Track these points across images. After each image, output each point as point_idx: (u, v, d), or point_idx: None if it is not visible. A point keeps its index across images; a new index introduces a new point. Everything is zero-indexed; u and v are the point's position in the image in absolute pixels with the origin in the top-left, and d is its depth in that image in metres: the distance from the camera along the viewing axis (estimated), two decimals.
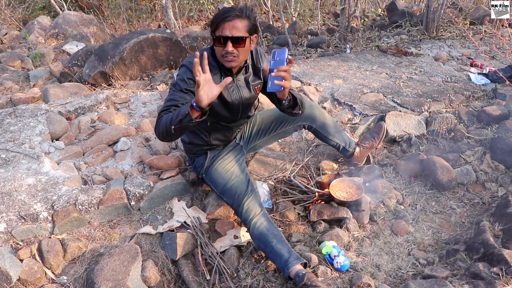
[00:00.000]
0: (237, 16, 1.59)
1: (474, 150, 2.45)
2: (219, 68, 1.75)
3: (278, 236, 1.74)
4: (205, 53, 1.44)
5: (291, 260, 1.65)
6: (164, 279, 1.82)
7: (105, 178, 2.21)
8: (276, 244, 1.70)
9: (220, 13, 1.61)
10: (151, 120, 2.83)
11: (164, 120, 1.58)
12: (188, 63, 1.70)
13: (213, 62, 1.72)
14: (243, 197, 1.82)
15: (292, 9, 6.98)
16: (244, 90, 1.84)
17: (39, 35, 5.96)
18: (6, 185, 2.05)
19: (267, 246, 1.72)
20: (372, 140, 2.37)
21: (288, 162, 2.41)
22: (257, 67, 1.87)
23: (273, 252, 1.70)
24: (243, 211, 1.80)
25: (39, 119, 2.71)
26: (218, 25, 1.59)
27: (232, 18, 1.58)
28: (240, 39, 1.61)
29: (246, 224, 1.79)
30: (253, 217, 1.77)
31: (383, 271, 1.76)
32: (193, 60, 1.43)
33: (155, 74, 3.94)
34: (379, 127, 2.42)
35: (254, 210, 1.79)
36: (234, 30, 1.58)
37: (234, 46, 1.62)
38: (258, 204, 1.82)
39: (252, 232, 1.77)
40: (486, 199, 2.14)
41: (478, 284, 1.54)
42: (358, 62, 4.01)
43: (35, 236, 1.86)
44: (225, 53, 1.63)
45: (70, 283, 1.72)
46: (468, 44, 4.60)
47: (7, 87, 3.98)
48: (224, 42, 1.61)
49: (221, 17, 1.59)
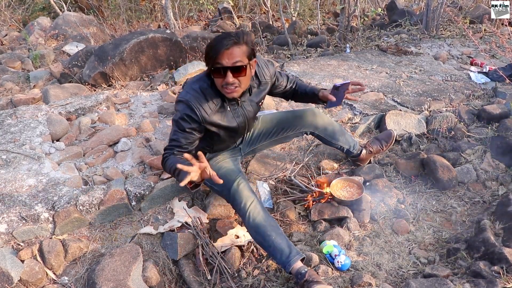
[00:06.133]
0: (235, 43, 1.50)
1: (475, 149, 2.45)
2: (220, 96, 1.67)
3: (276, 228, 1.68)
4: (200, 154, 1.43)
5: (292, 256, 1.61)
6: (165, 279, 1.82)
7: (105, 179, 2.22)
8: (276, 238, 1.64)
9: (216, 41, 1.52)
10: (151, 120, 2.83)
11: (168, 165, 1.63)
12: (185, 100, 1.62)
13: (212, 92, 1.65)
14: (233, 181, 1.76)
15: (292, 8, 6.98)
16: (249, 108, 1.81)
17: (39, 36, 5.97)
18: (7, 186, 2.06)
19: (266, 239, 1.65)
20: (380, 146, 2.36)
21: (289, 161, 2.41)
22: (261, 81, 1.81)
23: (273, 246, 1.64)
24: (235, 195, 1.72)
25: (39, 120, 2.71)
26: (215, 55, 1.50)
27: (230, 46, 1.49)
28: (240, 68, 1.53)
29: (241, 212, 1.71)
30: (249, 206, 1.69)
31: (384, 270, 1.76)
32: (188, 96, 1.54)
33: (155, 74, 3.94)
34: (389, 135, 2.38)
35: (246, 195, 1.72)
36: (232, 58, 1.50)
37: (234, 76, 1.54)
38: (250, 191, 1.76)
39: (248, 223, 1.69)
40: (486, 198, 2.14)
41: (479, 283, 1.54)
42: (358, 62, 4.01)
43: (36, 236, 1.87)
44: (226, 84, 1.56)
45: (71, 283, 1.72)
46: (468, 42, 4.60)
47: (8, 88, 3.98)
48: (224, 73, 1.53)
49: (218, 47, 1.49)
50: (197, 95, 1.63)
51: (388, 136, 2.38)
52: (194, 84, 1.67)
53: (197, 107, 1.62)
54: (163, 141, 2.51)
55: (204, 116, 1.64)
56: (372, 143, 2.37)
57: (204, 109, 1.64)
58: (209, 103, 1.65)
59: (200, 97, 1.63)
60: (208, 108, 1.65)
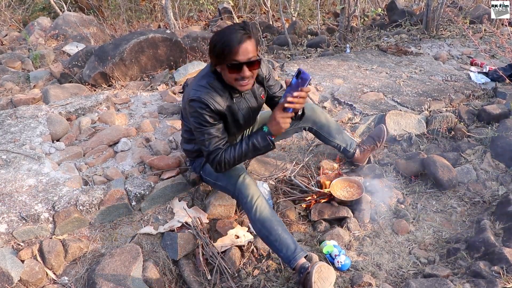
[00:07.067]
0: (247, 36, 1.50)
1: (475, 149, 2.45)
2: (227, 89, 1.68)
3: (281, 224, 1.70)
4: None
5: (298, 252, 1.62)
6: (165, 279, 1.82)
7: (105, 179, 2.22)
8: (282, 233, 1.65)
9: (226, 36, 1.50)
10: (151, 120, 2.83)
11: (231, 157, 1.66)
12: (197, 98, 1.62)
13: (219, 85, 1.67)
14: (238, 176, 1.78)
15: (292, 9, 6.99)
16: (252, 100, 1.82)
17: (39, 36, 5.97)
18: (7, 186, 2.06)
19: (272, 233, 1.66)
20: (373, 143, 2.36)
21: (289, 161, 2.41)
22: (259, 74, 1.82)
23: (279, 241, 1.64)
24: (241, 189, 1.74)
25: (39, 120, 2.71)
26: (230, 51, 1.49)
27: (243, 41, 1.49)
28: (255, 62, 1.55)
29: (248, 206, 1.71)
30: (256, 200, 1.70)
31: (384, 270, 1.76)
32: (200, 93, 1.58)
33: (155, 74, 3.94)
34: (379, 130, 2.39)
35: (253, 190, 1.73)
36: (247, 53, 1.51)
37: (249, 70, 1.55)
38: (256, 186, 1.78)
39: (254, 217, 1.69)
40: (486, 198, 2.14)
41: (479, 283, 1.54)
42: (358, 62, 4.01)
43: (36, 236, 1.87)
44: (241, 78, 1.57)
45: (71, 283, 1.72)
46: (468, 43, 4.60)
47: (8, 88, 3.98)
48: (239, 68, 1.53)
49: (231, 43, 1.48)
50: (207, 90, 1.65)
51: (379, 132, 2.38)
52: (201, 81, 1.68)
53: (210, 102, 1.63)
54: (163, 141, 2.51)
55: (218, 109, 1.66)
56: (365, 141, 2.38)
57: (217, 102, 1.65)
58: (220, 97, 1.67)
59: (211, 91, 1.65)
60: (220, 101, 1.66)
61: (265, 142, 1.63)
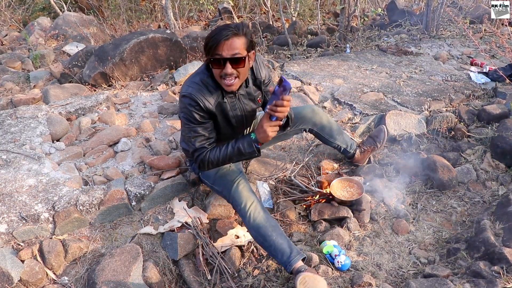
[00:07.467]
0: (234, 34, 1.50)
1: (475, 149, 2.45)
2: (220, 88, 1.68)
3: (276, 228, 1.70)
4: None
5: (293, 256, 1.63)
6: (165, 279, 1.82)
7: (105, 179, 2.22)
8: (276, 238, 1.66)
9: (215, 32, 1.51)
10: (151, 120, 2.83)
11: (215, 158, 1.67)
12: (188, 94, 1.63)
13: (210, 82, 1.66)
14: (233, 182, 1.79)
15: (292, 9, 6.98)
16: (247, 103, 1.80)
17: (39, 36, 5.97)
18: (7, 186, 2.06)
19: (266, 240, 1.67)
20: (373, 143, 2.36)
21: (289, 161, 2.41)
22: (257, 78, 1.81)
23: (274, 246, 1.65)
24: (235, 196, 1.75)
25: (39, 120, 2.71)
26: (215, 46, 1.50)
27: (229, 37, 1.49)
28: (239, 60, 1.53)
29: (242, 213, 1.73)
30: (249, 206, 1.72)
31: (384, 270, 1.76)
32: (191, 89, 1.58)
33: (155, 74, 3.94)
34: (380, 131, 2.39)
35: (246, 196, 1.74)
36: (232, 50, 1.50)
37: (233, 67, 1.54)
38: (250, 192, 1.78)
39: (249, 223, 1.71)
40: (486, 198, 2.14)
41: (479, 283, 1.54)
42: (358, 62, 4.01)
43: (36, 236, 1.87)
44: (224, 75, 1.56)
45: (71, 283, 1.72)
46: (468, 43, 4.60)
47: (8, 88, 3.98)
48: (223, 64, 1.53)
49: (217, 37, 1.49)
50: (199, 87, 1.65)
51: (379, 132, 2.38)
52: (194, 78, 1.68)
53: (200, 99, 1.63)
54: (163, 141, 2.51)
55: (208, 107, 1.66)
56: (366, 142, 2.38)
57: (207, 100, 1.65)
58: (211, 95, 1.66)
59: (202, 88, 1.65)
60: (211, 99, 1.66)
61: (250, 148, 1.64)
